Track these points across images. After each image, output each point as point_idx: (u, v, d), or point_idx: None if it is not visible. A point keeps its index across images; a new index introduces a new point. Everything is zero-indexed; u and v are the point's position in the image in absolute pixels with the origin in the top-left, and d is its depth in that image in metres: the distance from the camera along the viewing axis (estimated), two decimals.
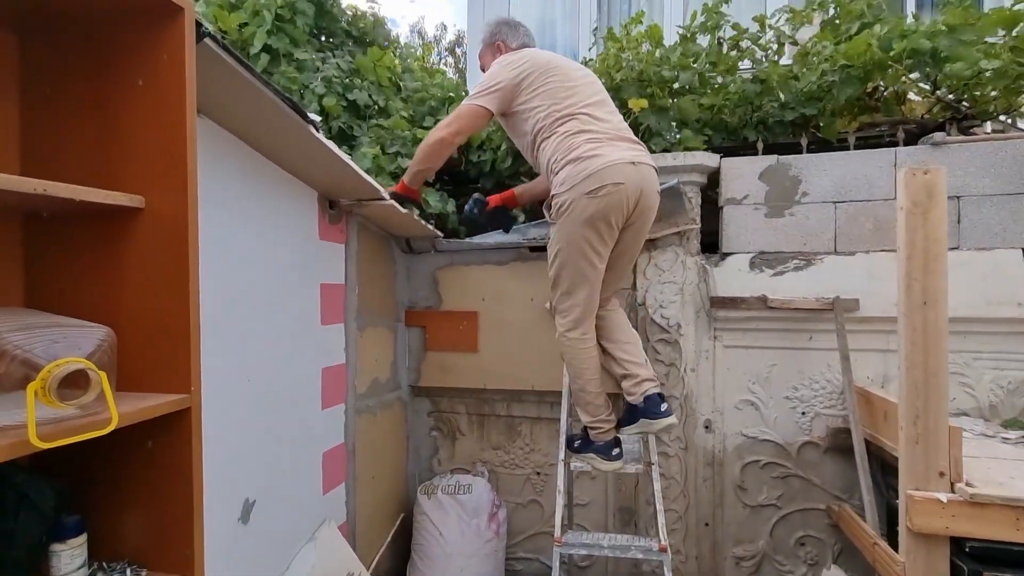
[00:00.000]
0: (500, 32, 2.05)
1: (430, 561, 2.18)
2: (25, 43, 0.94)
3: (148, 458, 0.88)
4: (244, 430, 1.50)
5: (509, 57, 1.89)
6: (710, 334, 2.27)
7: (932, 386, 1.42)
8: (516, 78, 1.82)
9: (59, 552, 0.84)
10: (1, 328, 0.65)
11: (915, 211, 1.44)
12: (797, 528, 2.22)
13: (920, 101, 2.41)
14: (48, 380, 0.63)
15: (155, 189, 0.89)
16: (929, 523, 1.39)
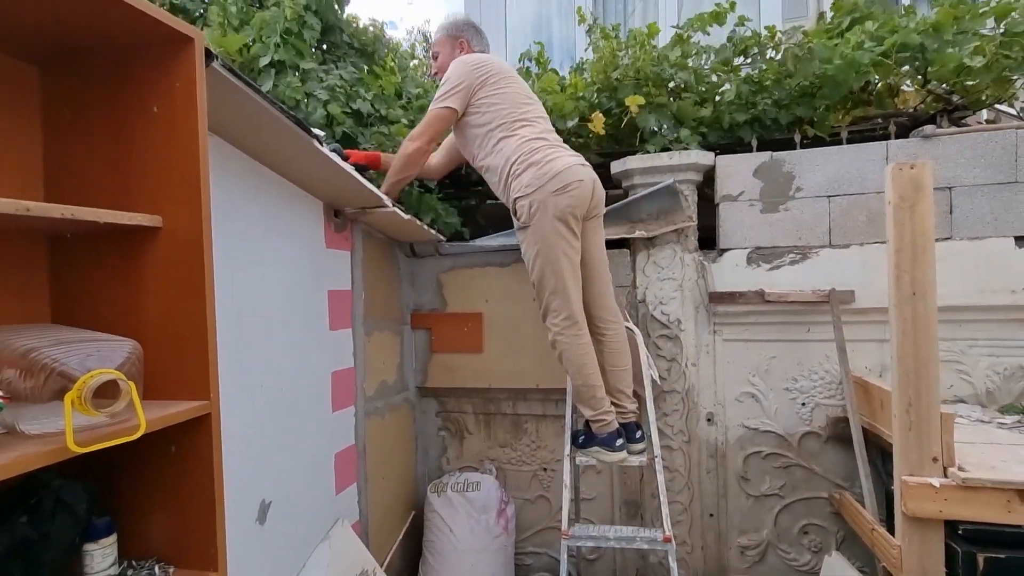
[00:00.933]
0: (466, 32, 2.16)
1: (441, 557, 2.23)
2: (46, 75, 1.00)
3: (172, 461, 0.94)
4: (259, 434, 1.56)
5: (473, 57, 1.99)
6: (710, 329, 2.32)
7: (923, 374, 1.46)
8: (480, 77, 1.92)
9: (91, 552, 0.90)
10: (39, 344, 0.71)
11: (902, 205, 1.47)
12: (800, 517, 2.26)
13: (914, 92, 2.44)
14: (83, 391, 0.69)
15: (171, 208, 0.95)
16: (923, 507, 1.43)
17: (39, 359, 0.69)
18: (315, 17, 2.69)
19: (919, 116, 2.31)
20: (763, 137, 2.40)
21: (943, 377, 2.07)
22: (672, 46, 2.44)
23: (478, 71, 1.93)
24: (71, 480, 0.87)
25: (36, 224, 0.90)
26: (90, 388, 0.69)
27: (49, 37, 0.92)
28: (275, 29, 2.47)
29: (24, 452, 0.67)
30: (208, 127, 1.33)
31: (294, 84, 2.42)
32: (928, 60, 2.11)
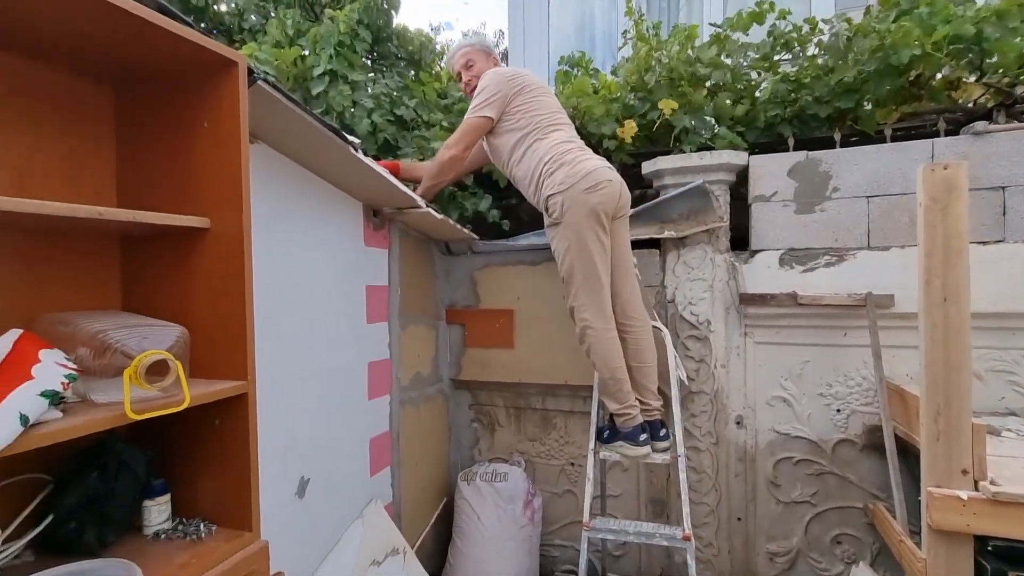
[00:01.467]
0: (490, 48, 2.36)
1: (469, 542, 2.34)
2: (118, 96, 1.16)
3: (216, 434, 1.08)
4: (299, 415, 1.71)
5: (507, 69, 2.11)
6: (741, 330, 2.29)
7: (954, 382, 1.41)
8: (515, 87, 2.02)
9: (150, 507, 1.05)
10: (106, 327, 0.85)
11: (934, 207, 1.43)
12: (833, 526, 2.20)
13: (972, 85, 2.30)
14: (139, 367, 0.81)
15: (218, 211, 1.08)
16: (949, 520, 1.39)
17: (105, 340, 0.83)
18: (366, 30, 2.86)
19: (975, 111, 2.18)
20: (802, 135, 2.34)
21: (995, 388, 1.98)
22: (709, 45, 2.42)
23: (513, 81, 2.03)
24: (132, 446, 1.01)
25: (109, 226, 1.06)
26: (144, 365, 0.82)
27: (121, 64, 1.07)
28: (329, 42, 2.65)
29: (93, 417, 0.80)
30: (256, 136, 1.49)
31: (344, 92, 2.58)
32: (985, 51, 1.99)
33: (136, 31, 0.93)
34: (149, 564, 0.94)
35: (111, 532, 0.99)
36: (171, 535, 1.04)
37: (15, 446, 0.68)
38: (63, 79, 1.07)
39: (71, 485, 0.95)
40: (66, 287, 1.08)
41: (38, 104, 1.03)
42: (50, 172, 1.05)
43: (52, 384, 0.74)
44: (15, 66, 1.00)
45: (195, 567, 0.95)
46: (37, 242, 1.03)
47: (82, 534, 0.95)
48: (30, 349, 0.77)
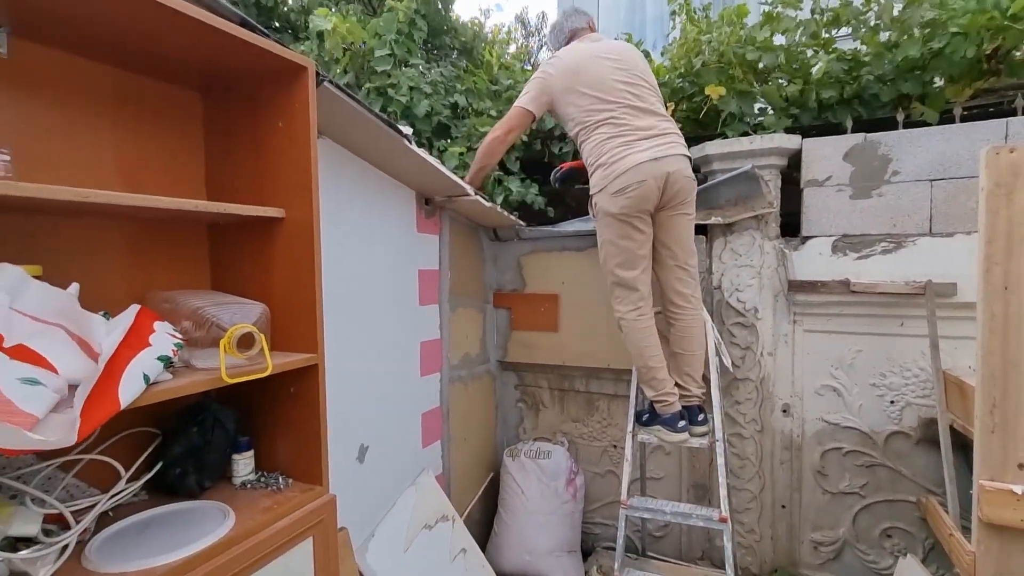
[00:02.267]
0: (551, 42, 2.28)
1: (513, 514, 2.46)
2: (206, 100, 1.30)
3: (292, 400, 1.22)
4: (359, 388, 1.87)
5: (552, 62, 2.04)
6: (789, 318, 2.26)
7: (1012, 374, 1.37)
8: (550, 87, 2.00)
9: (238, 461, 1.21)
10: (204, 304, 0.99)
11: (997, 192, 1.37)
12: (883, 519, 2.17)
13: None
14: (231, 338, 0.95)
15: (291, 202, 1.21)
16: (1001, 515, 1.36)
17: (204, 314, 0.97)
18: (423, 20, 2.97)
19: None
20: (863, 116, 2.26)
21: None
22: (761, 25, 2.36)
23: (551, 76, 2.00)
24: (223, 406, 1.17)
25: (201, 216, 1.21)
26: (235, 337, 0.96)
27: (207, 72, 1.21)
28: (390, 28, 2.78)
29: (195, 379, 0.95)
30: (321, 131, 1.62)
31: (408, 73, 2.70)
32: None
33: (223, 44, 1.05)
34: (239, 507, 1.09)
35: (208, 478, 1.15)
36: (255, 485, 1.20)
37: (140, 400, 0.83)
38: (161, 87, 1.23)
39: (176, 438, 1.11)
40: (166, 269, 1.25)
41: (144, 111, 1.19)
42: (153, 169, 1.21)
43: (165, 350, 0.89)
44: (123, 78, 1.15)
45: (275, 512, 1.10)
46: (146, 229, 1.19)
47: (185, 478, 1.12)
48: (147, 321, 0.92)
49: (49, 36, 1.02)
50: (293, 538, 1.11)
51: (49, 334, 0.77)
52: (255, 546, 1.02)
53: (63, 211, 1.02)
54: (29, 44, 1.01)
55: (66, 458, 0.99)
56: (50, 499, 0.91)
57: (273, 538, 1.06)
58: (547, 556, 2.34)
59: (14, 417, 0.63)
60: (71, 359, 0.76)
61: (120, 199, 0.91)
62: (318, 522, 1.17)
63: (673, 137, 1.91)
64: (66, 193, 0.83)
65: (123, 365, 0.81)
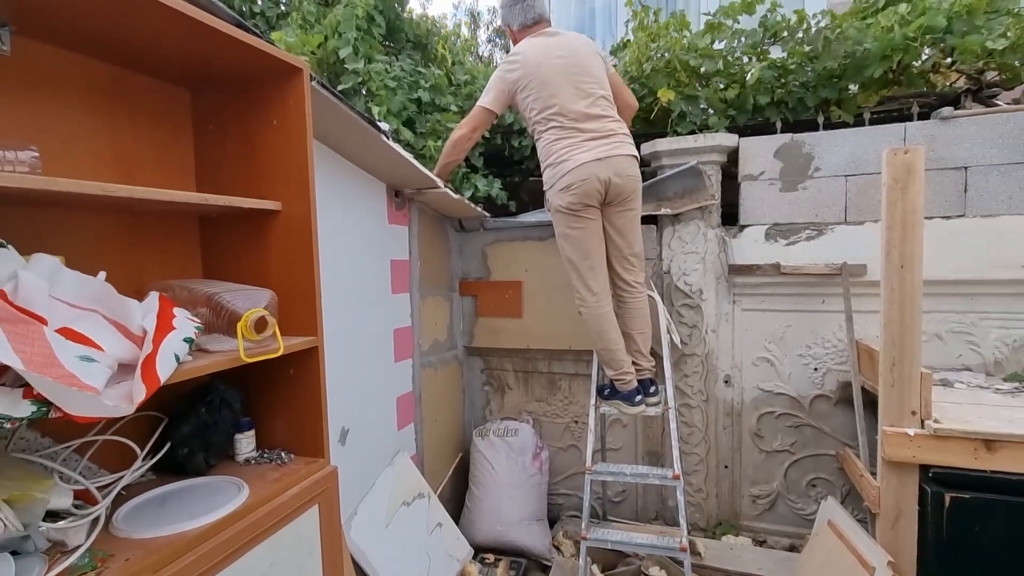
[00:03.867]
0: (504, 16, 2.25)
1: (485, 489, 2.61)
2: (195, 97, 1.35)
3: (292, 380, 1.31)
4: (340, 373, 1.94)
5: (508, 60, 2.13)
6: (729, 299, 2.53)
7: (907, 338, 1.65)
8: (511, 85, 2.10)
9: (240, 439, 1.28)
10: (218, 291, 1.07)
11: (895, 186, 1.64)
12: (809, 471, 2.48)
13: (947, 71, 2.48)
14: (248, 321, 1.04)
15: (288, 196, 1.28)
16: (899, 453, 1.65)
17: (220, 300, 1.05)
18: (381, 16, 3.00)
19: (946, 96, 2.37)
20: (789, 119, 2.54)
21: (953, 347, 2.24)
22: (703, 34, 2.59)
23: (506, 77, 2.10)
24: (230, 388, 1.24)
25: (188, 208, 1.27)
26: (252, 320, 1.04)
27: (198, 70, 1.26)
28: (350, 25, 2.79)
29: (216, 359, 1.03)
30: None
31: (377, 69, 2.73)
32: (952, 43, 2.18)
33: (218, 43, 1.11)
34: (250, 480, 1.18)
35: (214, 457, 1.23)
36: (259, 460, 1.28)
37: (173, 377, 0.91)
38: (152, 83, 1.27)
39: (184, 419, 1.18)
40: (160, 259, 1.29)
41: (137, 106, 1.23)
42: (146, 162, 1.26)
43: (189, 333, 0.96)
44: (117, 74, 1.19)
45: (284, 482, 1.19)
46: (141, 221, 1.24)
47: (193, 457, 1.19)
48: (168, 307, 0.99)
49: (50, 33, 1.05)
50: (302, 505, 1.20)
51: (88, 318, 0.84)
52: (270, 512, 1.11)
53: (67, 203, 1.06)
54: (30, 42, 1.04)
55: (82, 440, 1.04)
56: (76, 475, 0.97)
57: (285, 505, 1.16)
58: (517, 525, 2.51)
59: (84, 389, 0.71)
60: (114, 340, 0.83)
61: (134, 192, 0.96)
62: (323, 491, 1.27)
63: (620, 138, 2.05)
64: (92, 188, 0.89)
65: (158, 346, 0.88)
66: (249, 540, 1.06)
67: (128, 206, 1.18)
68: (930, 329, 2.25)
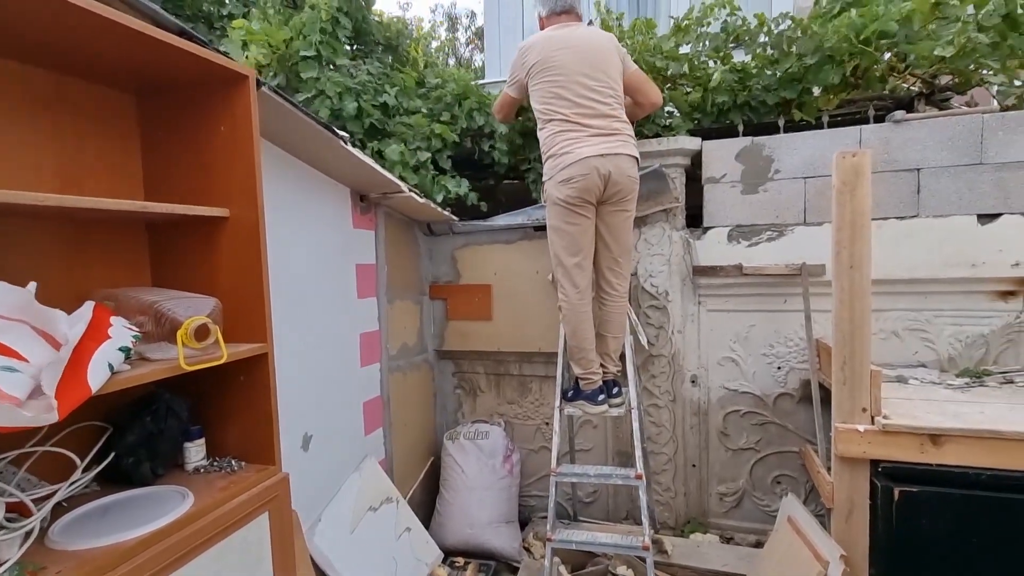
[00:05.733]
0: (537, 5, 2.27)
1: (455, 492, 2.61)
2: (141, 103, 1.34)
3: (242, 388, 1.30)
4: (301, 379, 1.94)
5: (523, 47, 2.16)
6: (695, 300, 2.56)
7: (857, 336, 1.69)
8: (525, 75, 2.16)
9: (189, 448, 1.27)
10: (160, 299, 1.06)
11: (844, 189, 1.68)
12: (773, 468, 2.53)
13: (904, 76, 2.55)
14: (189, 329, 1.03)
15: (236, 203, 1.28)
16: (849, 449, 1.69)
17: (160, 309, 1.04)
18: (347, 18, 2.99)
19: (902, 99, 2.44)
20: (751, 121, 2.58)
21: (909, 344, 2.29)
22: (669, 36, 2.62)
23: (522, 66, 2.15)
24: (176, 395, 1.23)
25: (141, 216, 1.26)
26: (192, 328, 1.04)
27: (143, 77, 1.25)
28: (313, 28, 2.78)
29: (155, 367, 1.02)
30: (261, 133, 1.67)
31: (335, 78, 2.72)
32: (904, 48, 2.24)
33: (162, 52, 1.11)
34: (196, 489, 1.17)
35: (161, 466, 1.22)
36: (208, 469, 1.27)
37: (107, 387, 0.90)
38: (96, 90, 1.25)
39: (129, 428, 1.17)
40: (107, 268, 1.28)
41: (80, 113, 1.21)
42: (90, 171, 1.24)
43: (125, 342, 0.95)
44: (59, 81, 1.18)
45: (232, 490, 1.18)
46: (84, 230, 1.22)
47: (139, 467, 1.18)
48: (104, 316, 0.98)
49: None
50: (250, 513, 1.20)
51: (14, 329, 0.83)
52: (214, 521, 1.11)
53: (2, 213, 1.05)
54: None
55: (20, 451, 1.03)
56: (10, 488, 0.96)
57: (231, 513, 1.15)
58: (487, 527, 2.52)
59: (2, 399, 0.70)
60: (39, 351, 0.82)
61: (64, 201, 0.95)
62: (273, 498, 1.26)
63: (623, 137, 2.06)
64: (23, 197, 0.88)
65: (88, 356, 0.87)
66: (192, 549, 1.05)
67: (67, 215, 1.17)
68: (887, 327, 2.31)
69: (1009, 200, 2.10)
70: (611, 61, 2.10)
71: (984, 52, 2.18)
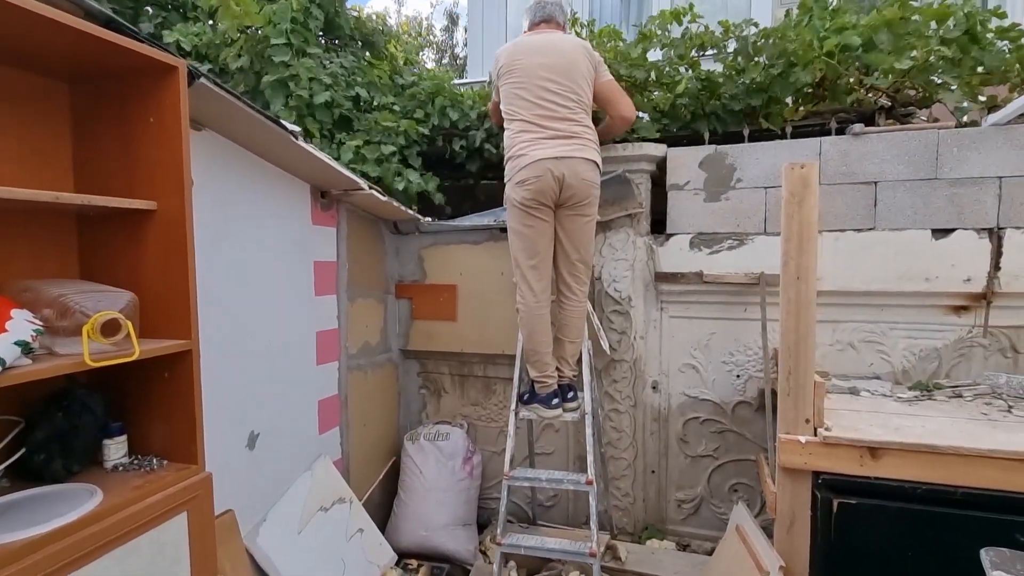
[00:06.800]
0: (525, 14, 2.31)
1: (412, 493, 2.59)
2: (74, 91, 1.31)
3: (166, 384, 1.28)
4: (248, 375, 1.91)
5: (500, 52, 2.20)
6: (657, 306, 2.56)
7: (802, 347, 1.69)
8: (497, 78, 2.19)
9: (109, 445, 1.25)
10: (67, 292, 1.04)
11: (792, 200, 1.68)
12: (731, 476, 2.53)
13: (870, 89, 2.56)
14: (95, 324, 1.01)
15: (163, 196, 1.25)
16: (791, 460, 1.69)
17: (66, 302, 1.02)
18: (319, 9, 2.97)
19: (864, 112, 2.45)
20: (717, 129, 2.59)
21: (865, 356, 2.30)
22: (636, 44, 2.62)
23: (497, 68, 2.18)
24: (91, 392, 1.21)
25: (66, 208, 1.23)
26: (99, 323, 1.01)
27: (73, 65, 1.22)
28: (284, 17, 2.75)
29: (57, 363, 0.99)
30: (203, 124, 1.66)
31: (307, 64, 2.68)
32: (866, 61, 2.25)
33: (87, 42, 1.09)
34: (108, 487, 1.15)
35: (76, 463, 1.19)
36: (128, 467, 1.25)
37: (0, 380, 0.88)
38: (24, 77, 1.22)
39: (40, 423, 1.14)
40: (30, 259, 1.25)
41: (2, 99, 1.19)
42: (12, 159, 1.21)
43: (23, 336, 0.93)
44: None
45: (147, 489, 1.16)
46: (4, 219, 1.19)
47: (50, 464, 1.15)
48: (3, 309, 0.95)
49: None
50: (165, 512, 1.18)
51: None
52: (122, 520, 1.08)
53: None
54: None
55: None
56: None
57: (142, 513, 1.13)
58: (442, 530, 2.50)
59: None
60: None
61: None
62: (192, 498, 1.24)
63: (582, 141, 2.05)
64: None
65: None
66: (93, 550, 1.03)
67: None
68: (844, 338, 2.32)
69: (962, 216, 2.12)
70: (577, 67, 2.09)
71: (944, 67, 2.19)
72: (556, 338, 2.26)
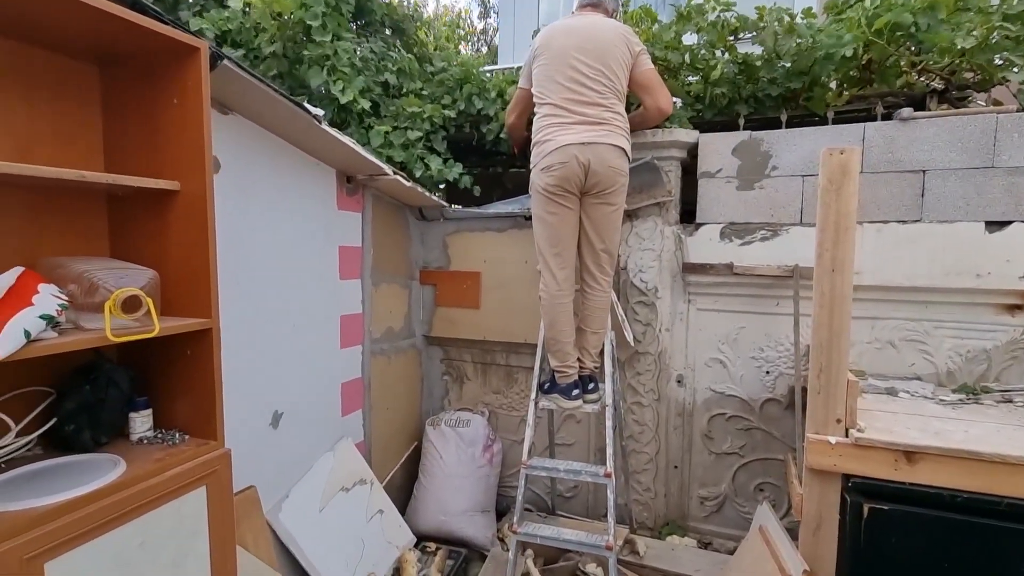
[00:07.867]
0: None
1: (432, 479, 2.61)
2: (103, 73, 1.34)
3: (188, 361, 1.31)
4: (272, 356, 1.95)
5: (538, 37, 2.15)
6: (684, 298, 2.48)
7: (835, 344, 1.61)
8: (529, 65, 2.15)
9: (135, 418, 1.29)
10: (91, 268, 1.07)
11: (830, 188, 1.59)
12: (757, 475, 2.45)
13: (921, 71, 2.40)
14: (117, 300, 1.03)
15: (186, 176, 1.28)
16: (820, 461, 1.61)
17: (90, 278, 1.05)
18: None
19: (914, 96, 2.29)
20: (755, 115, 2.47)
21: (906, 355, 2.18)
22: (670, 26, 2.52)
23: (532, 49, 2.14)
24: (117, 366, 1.25)
25: (94, 187, 1.27)
26: (120, 299, 1.04)
27: (102, 47, 1.25)
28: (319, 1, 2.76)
29: (80, 337, 1.03)
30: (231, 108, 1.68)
31: (344, 47, 2.69)
32: (920, 40, 2.10)
33: (113, 23, 1.11)
34: (132, 458, 1.18)
35: (103, 434, 1.23)
36: (152, 440, 1.29)
37: (19, 354, 0.91)
38: (57, 60, 1.26)
39: (69, 395, 1.19)
40: (63, 236, 1.29)
41: (36, 82, 1.22)
42: (46, 140, 1.25)
43: (49, 310, 0.96)
44: (13, 49, 1.19)
45: (167, 462, 1.19)
46: (38, 198, 1.24)
47: (80, 434, 1.20)
48: (31, 283, 0.99)
49: None
50: (185, 485, 1.21)
51: None
52: (143, 490, 1.12)
53: None
54: None
55: None
56: None
57: (163, 484, 1.16)
58: (461, 516, 2.51)
59: None
60: None
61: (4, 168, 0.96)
62: (211, 472, 1.27)
63: (611, 127, 1.98)
64: None
65: (3, 321, 0.88)
66: (117, 516, 1.07)
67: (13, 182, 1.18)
68: (883, 336, 2.20)
69: (1021, 207, 1.96)
70: (614, 52, 2.02)
71: (1007, 46, 2.03)
72: (579, 328, 2.22)
